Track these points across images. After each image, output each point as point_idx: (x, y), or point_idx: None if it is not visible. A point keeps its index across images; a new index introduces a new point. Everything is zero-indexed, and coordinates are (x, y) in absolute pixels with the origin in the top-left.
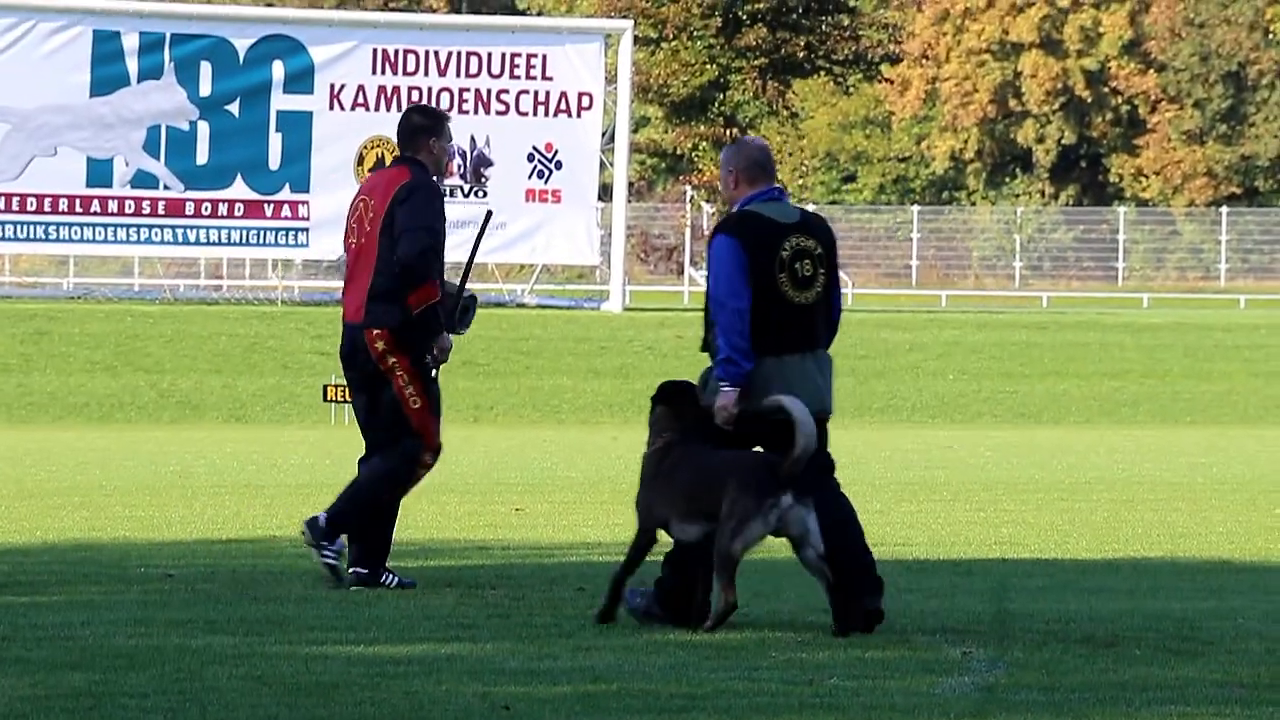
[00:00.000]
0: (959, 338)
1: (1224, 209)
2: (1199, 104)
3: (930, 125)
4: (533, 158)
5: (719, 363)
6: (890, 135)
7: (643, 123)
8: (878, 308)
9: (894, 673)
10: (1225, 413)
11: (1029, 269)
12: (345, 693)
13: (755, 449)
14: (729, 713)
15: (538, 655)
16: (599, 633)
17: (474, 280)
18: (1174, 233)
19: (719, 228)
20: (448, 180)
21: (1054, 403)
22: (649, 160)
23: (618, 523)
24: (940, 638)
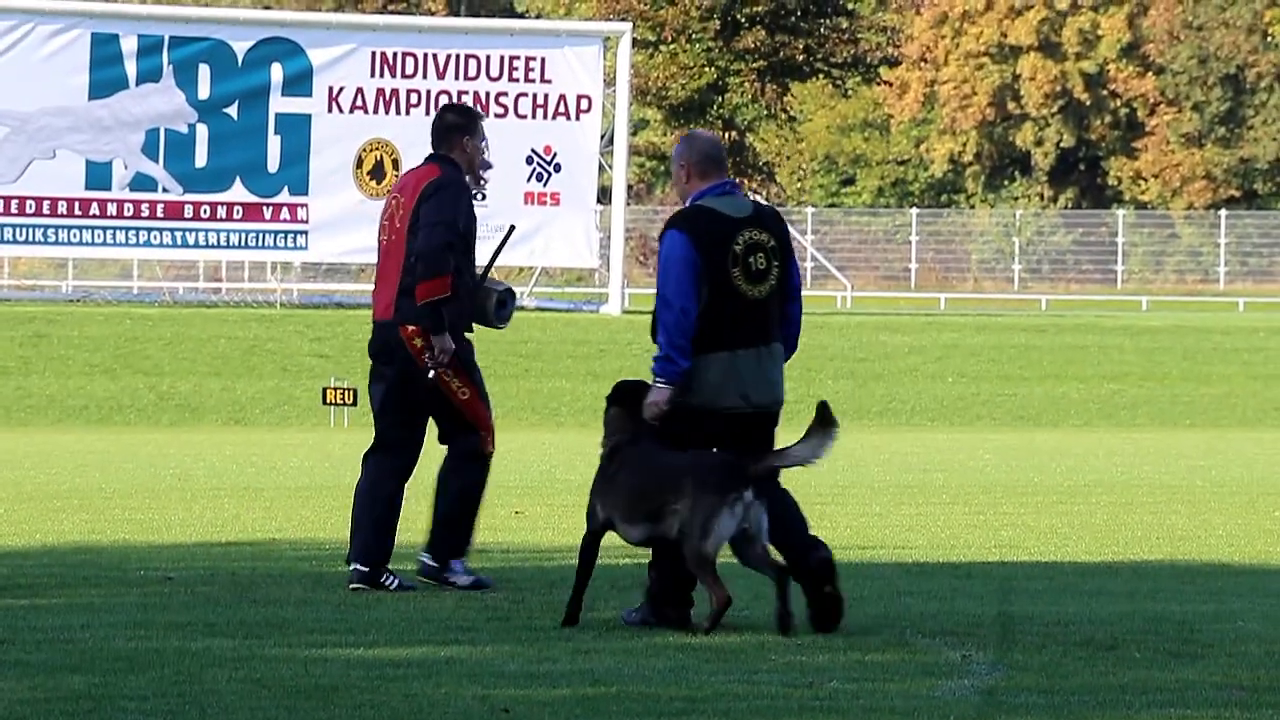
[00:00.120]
0: (958, 340)
1: (1223, 212)
2: (1198, 107)
3: (929, 128)
4: (531, 160)
5: (657, 359)
6: (889, 138)
7: (641, 125)
8: (876, 310)
9: (894, 676)
10: (1224, 415)
11: (1028, 272)
12: (344, 695)
13: (712, 449)
14: (728, 716)
15: (537, 658)
16: (598, 636)
17: None
18: (1173, 235)
19: (670, 223)
20: None
21: (1053, 405)
22: (648, 163)
23: None
24: (940, 641)
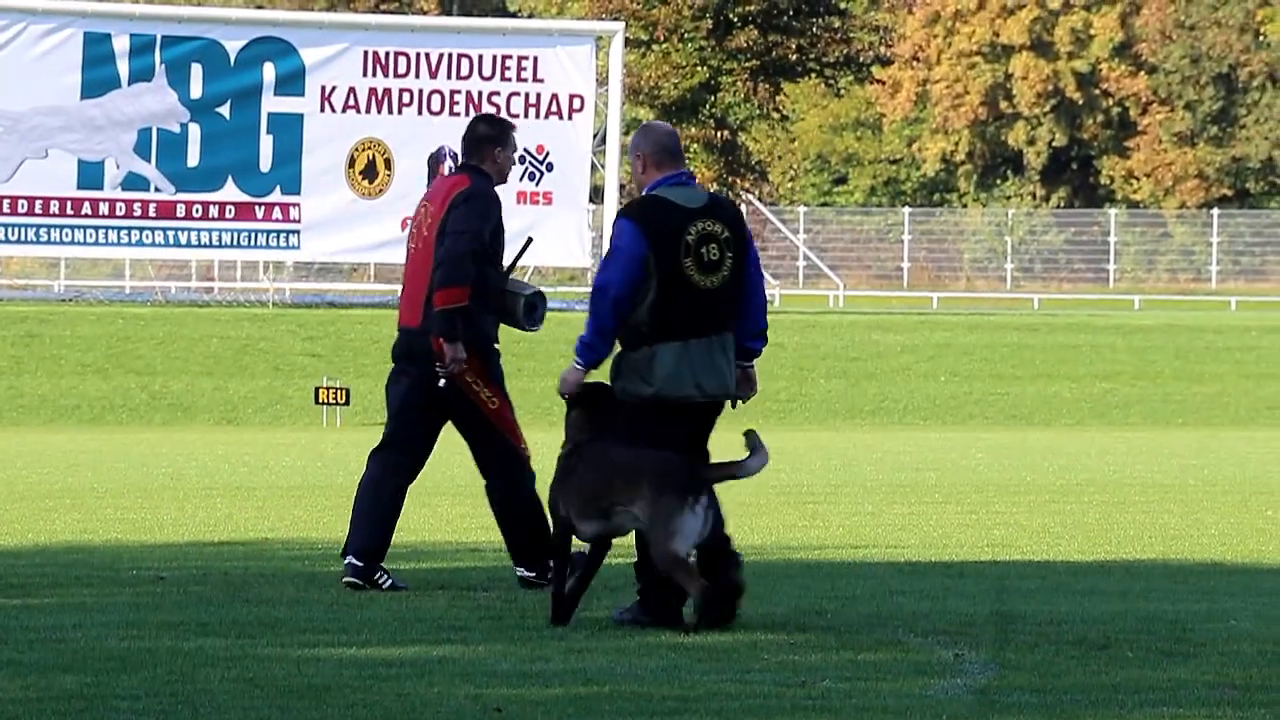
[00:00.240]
0: (950, 340)
1: (1215, 211)
2: (1190, 106)
3: (921, 127)
4: (524, 160)
5: (582, 343)
6: (881, 137)
7: (634, 125)
8: (869, 310)
9: (886, 675)
10: (1216, 414)
11: (1020, 271)
12: (337, 695)
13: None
14: (721, 715)
15: (530, 657)
16: (591, 635)
17: None
18: (1165, 235)
19: (622, 211)
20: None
21: (1045, 405)
22: None
23: None
24: (933, 640)
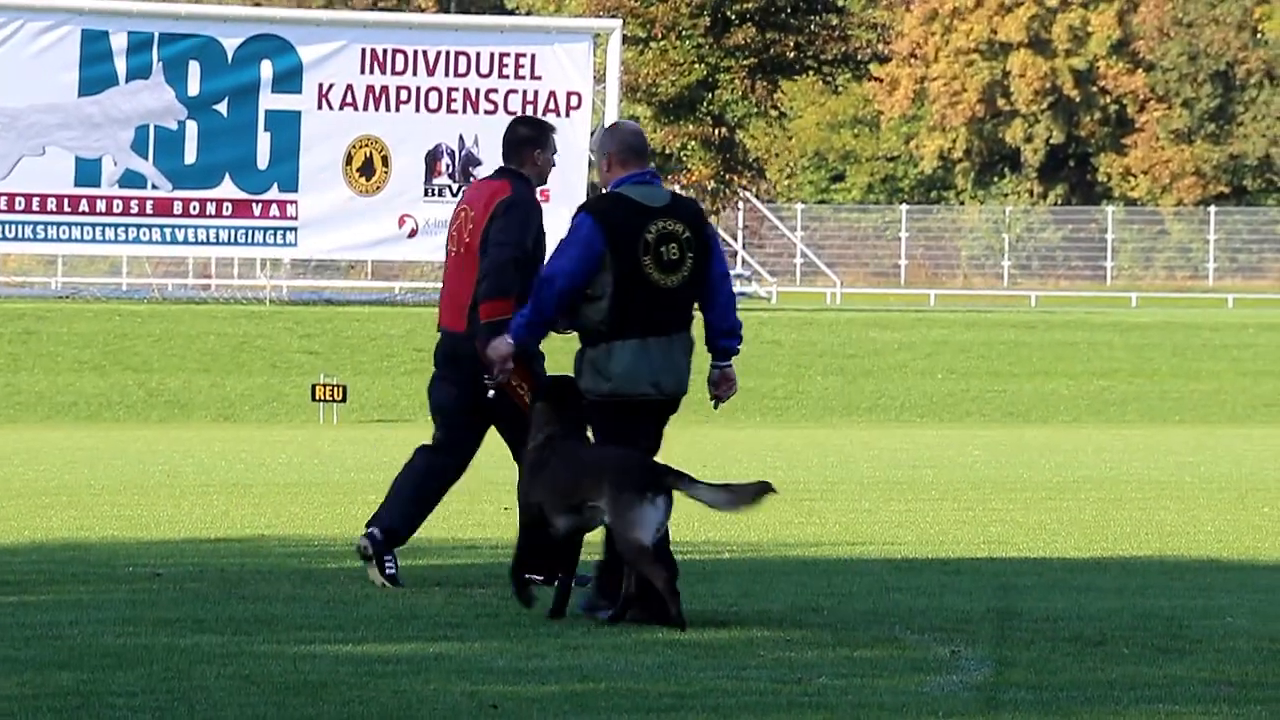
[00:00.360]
0: (947, 337)
1: (1212, 208)
2: (1187, 103)
3: (919, 125)
4: None
5: (521, 323)
6: (879, 135)
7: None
8: (866, 307)
9: (882, 671)
10: (1213, 412)
11: (1017, 268)
12: (333, 691)
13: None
14: (717, 711)
15: (526, 654)
16: (587, 632)
17: None
18: (1162, 232)
19: (583, 206)
20: (435, 179)
21: (1042, 402)
22: None
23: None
24: (929, 637)
